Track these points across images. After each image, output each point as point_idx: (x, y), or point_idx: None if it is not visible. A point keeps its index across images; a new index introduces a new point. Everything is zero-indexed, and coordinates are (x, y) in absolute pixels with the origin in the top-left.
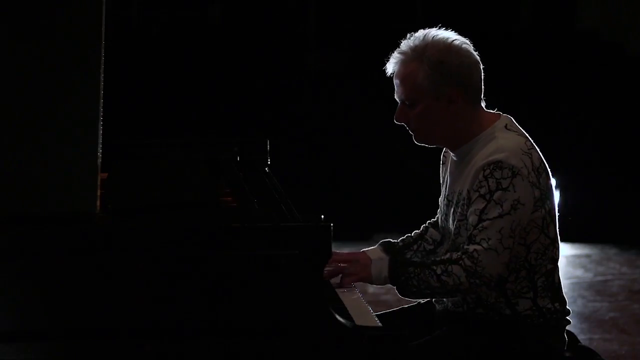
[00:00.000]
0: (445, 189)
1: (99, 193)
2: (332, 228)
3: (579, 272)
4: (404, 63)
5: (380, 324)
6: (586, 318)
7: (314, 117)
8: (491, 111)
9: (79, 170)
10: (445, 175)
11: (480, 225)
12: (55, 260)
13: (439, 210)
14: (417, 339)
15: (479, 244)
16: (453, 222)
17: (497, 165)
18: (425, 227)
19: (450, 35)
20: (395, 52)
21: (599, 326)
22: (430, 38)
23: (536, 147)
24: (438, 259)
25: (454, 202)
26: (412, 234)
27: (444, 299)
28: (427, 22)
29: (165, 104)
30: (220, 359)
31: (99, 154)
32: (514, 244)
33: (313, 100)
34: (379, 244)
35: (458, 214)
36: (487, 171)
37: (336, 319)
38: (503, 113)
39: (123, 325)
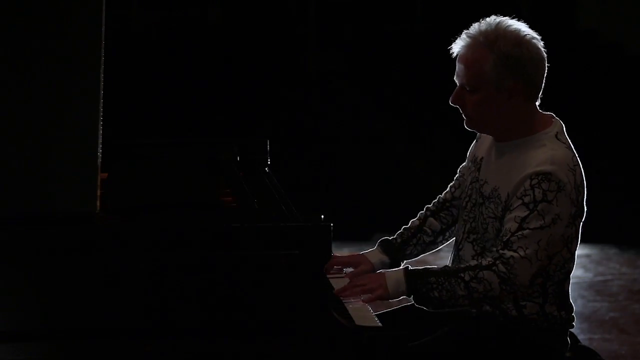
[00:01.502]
0: (477, 171)
1: (99, 193)
2: (332, 228)
3: (579, 272)
4: (473, 48)
5: (380, 324)
6: (586, 318)
7: (314, 117)
8: (545, 113)
9: (79, 170)
10: (477, 153)
11: (519, 232)
12: (56, 260)
13: (453, 184)
14: (417, 339)
15: (515, 251)
16: (479, 216)
17: (546, 177)
18: (424, 216)
19: (521, 27)
20: (463, 34)
21: (599, 326)
22: (503, 28)
23: (580, 164)
24: (463, 265)
25: (486, 195)
26: (410, 226)
27: None
28: (427, 22)
29: (165, 104)
30: (220, 358)
31: (99, 154)
32: (545, 258)
33: (313, 100)
34: (378, 245)
35: (490, 210)
36: (535, 181)
37: (336, 318)
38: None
39: (123, 325)
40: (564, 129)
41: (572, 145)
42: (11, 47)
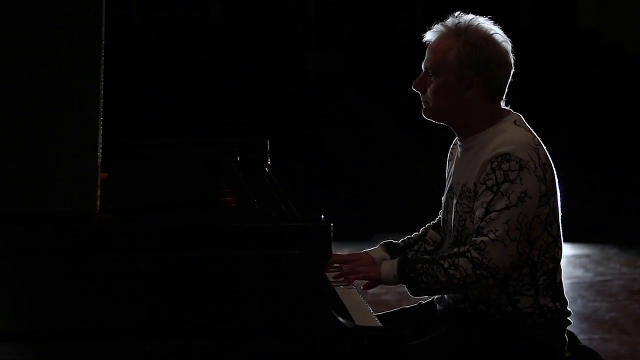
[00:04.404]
0: (449, 182)
1: (99, 193)
2: (332, 228)
3: (579, 272)
4: (442, 35)
5: (380, 324)
6: (586, 318)
7: (314, 117)
8: (503, 108)
9: (79, 170)
10: (450, 170)
11: (487, 217)
12: (55, 260)
13: (441, 209)
14: (417, 339)
15: (486, 235)
16: (455, 215)
17: (505, 157)
18: (425, 229)
19: (494, 28)
20: (438, 24)
21: (599, 326)
22: (475, 23)
23: (543, 145)
24: (445, 253)
25: (457, 194)
26: (412, 236)
27: (446, 297)
28: (427, 22)
29: (165, 104)
30: (220, 358)
31: (99, 154)
32: (520, 237)
33: (313, 100)
34: (380, 245)
35: (464, 205)
36: (495, 163)
37: (336, 319)
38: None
39: (123, 325)
40: (522, 118)
41: (532, 130)
42: (11, 47)
